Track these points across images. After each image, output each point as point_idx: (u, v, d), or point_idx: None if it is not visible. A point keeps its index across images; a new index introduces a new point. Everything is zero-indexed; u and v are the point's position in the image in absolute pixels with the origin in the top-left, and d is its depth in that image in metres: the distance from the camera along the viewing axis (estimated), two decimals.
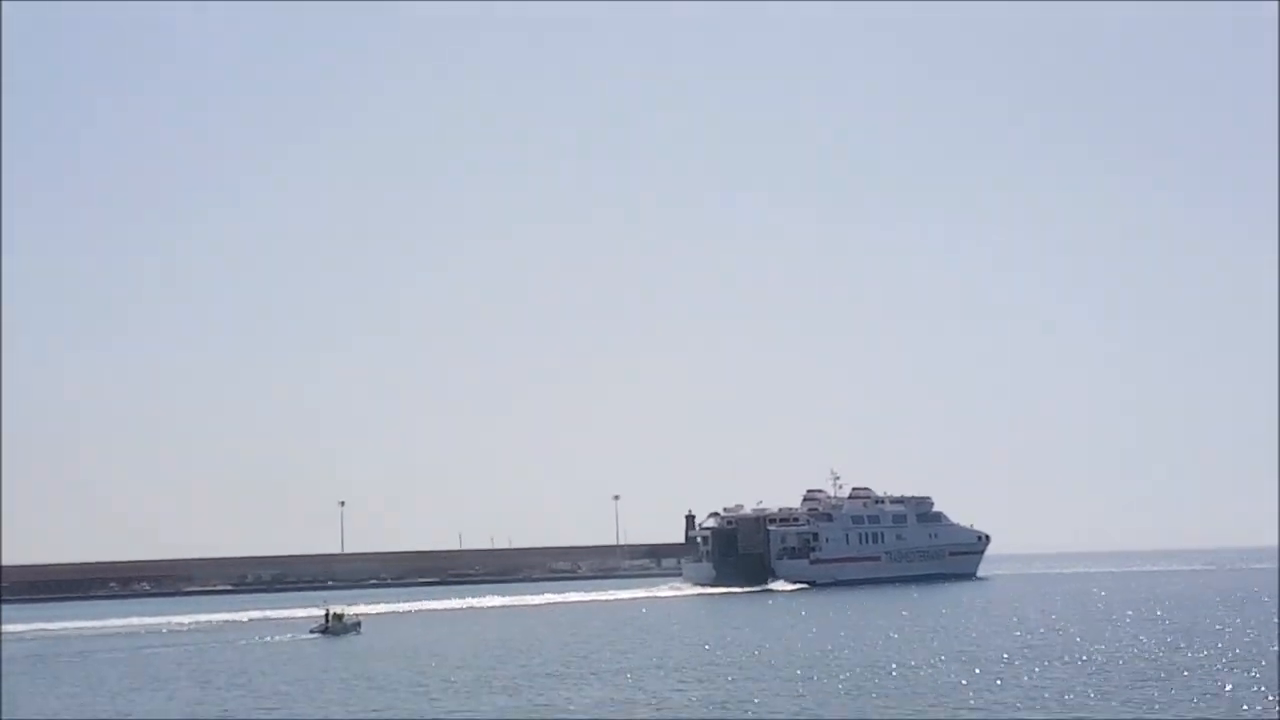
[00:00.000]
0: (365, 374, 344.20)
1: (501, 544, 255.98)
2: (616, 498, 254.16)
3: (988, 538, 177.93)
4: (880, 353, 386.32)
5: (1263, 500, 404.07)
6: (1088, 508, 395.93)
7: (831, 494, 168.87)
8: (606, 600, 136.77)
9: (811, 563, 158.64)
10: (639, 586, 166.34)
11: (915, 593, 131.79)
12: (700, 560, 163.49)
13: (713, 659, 62.14)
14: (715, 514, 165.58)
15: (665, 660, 61.91)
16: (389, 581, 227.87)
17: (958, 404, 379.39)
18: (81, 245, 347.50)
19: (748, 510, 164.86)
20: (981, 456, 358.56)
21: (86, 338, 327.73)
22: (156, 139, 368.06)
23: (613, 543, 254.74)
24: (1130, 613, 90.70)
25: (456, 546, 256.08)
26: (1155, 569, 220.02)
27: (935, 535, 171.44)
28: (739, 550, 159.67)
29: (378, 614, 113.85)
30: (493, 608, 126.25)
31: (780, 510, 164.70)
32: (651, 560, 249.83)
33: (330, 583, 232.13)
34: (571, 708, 44.91)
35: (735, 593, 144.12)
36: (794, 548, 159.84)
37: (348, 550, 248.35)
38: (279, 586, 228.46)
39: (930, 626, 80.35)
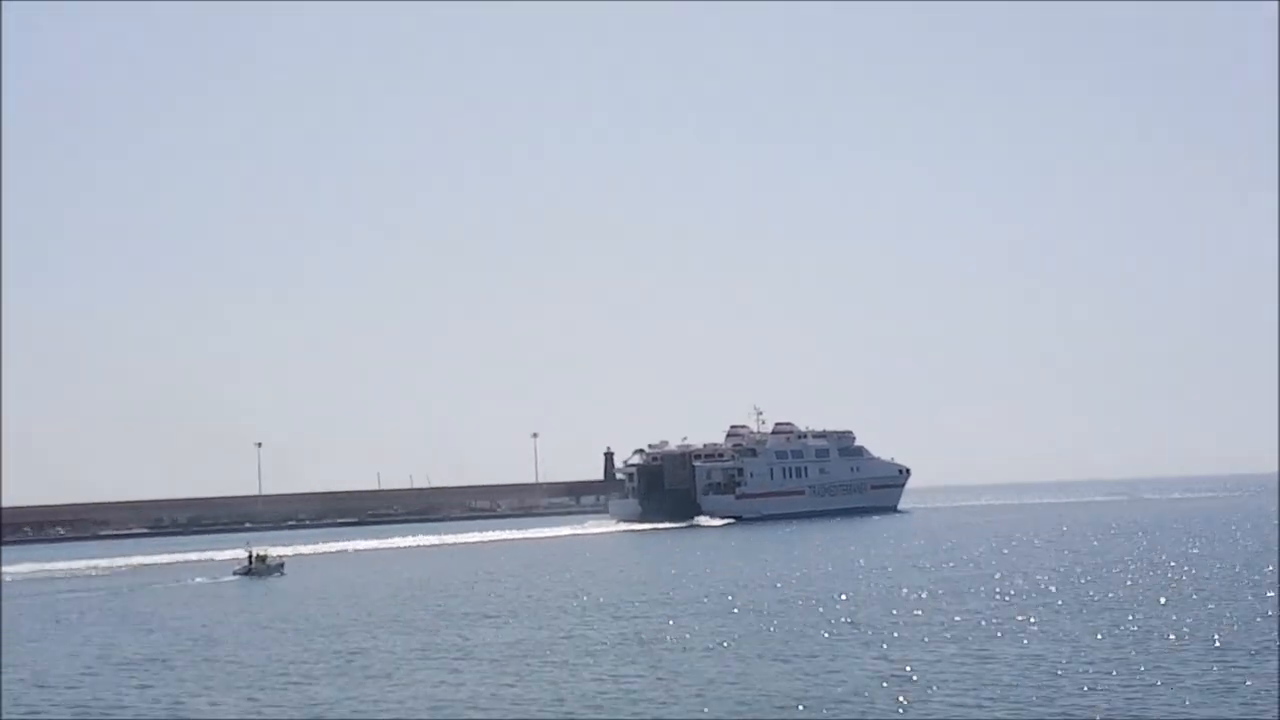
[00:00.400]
0: (280, 313, 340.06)
1: (420, 483, 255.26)
2: (535, 435, 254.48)
3: (908, 471, 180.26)
4: (800, 284, 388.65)
5: (1180, 431, 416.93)
6: (1012, 438, 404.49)
7: (755, 429, 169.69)
8: (535, 538, 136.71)
9: (737, 498, 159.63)
10: (564, 524, 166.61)
11: (838, 526, 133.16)
12: (626, 496, 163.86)
13: (635, 595, 62.10)
14: (640, 451, 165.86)
15: (586, 597, 61.85)
16: (307, 522, 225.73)
17: (880, 335, 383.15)
18: None
19: (673, 447, 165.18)
20: (904, 387, 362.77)
21: None
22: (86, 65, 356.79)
23: (532, 481, 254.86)
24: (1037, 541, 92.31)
25: (375, 486, 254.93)
26: (1067, 500, 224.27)
27: (857, 469, 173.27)
28: (665, 486, 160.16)
29: (300, 555, 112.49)
30: (417, 547, 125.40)
31: (705, 446, 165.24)
32: (571, 498, 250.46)
33: (248, 525, 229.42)
34: (486, 645, 44.41)
35: (661, 528, 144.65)
36: (719, 483, 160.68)
37: (265, 492, 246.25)
38: (196, 529, 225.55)
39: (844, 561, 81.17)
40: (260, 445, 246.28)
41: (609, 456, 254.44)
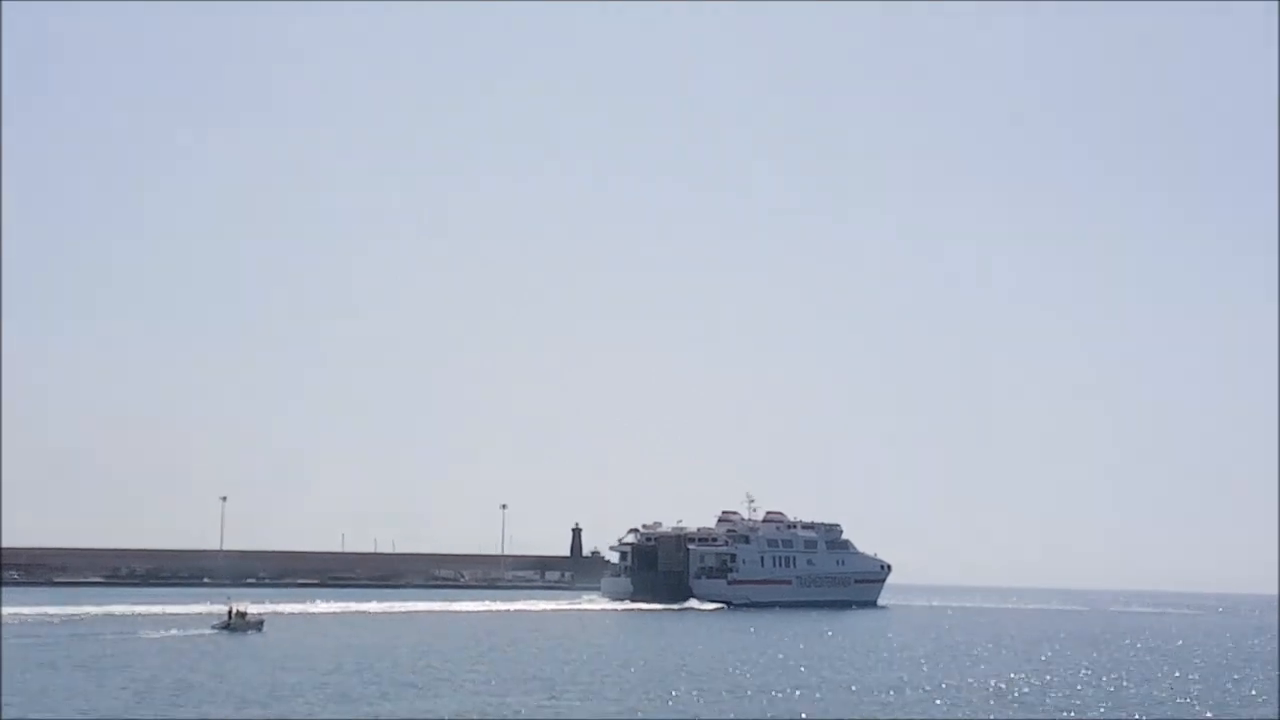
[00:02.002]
0: (250, 368, 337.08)
1: (384, 548, 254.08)
2: (504, 507, 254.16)
3: (889, 567, 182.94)
4: (778, 371, 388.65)
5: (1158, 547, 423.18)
6: (995, 541, 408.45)
7: (746, 516, 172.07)
8: (530, 610, 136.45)
9: (729, 583, 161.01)
10: (559, 599, 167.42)
11: (821, 617, 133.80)
12: (619, 575, 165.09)
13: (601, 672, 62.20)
14: (634, 530, 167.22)
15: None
16: (266, 580, 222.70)
17: (871, 427, 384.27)
18: None
19: (666, 529, 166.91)
20: (892, 484, 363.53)
21: None
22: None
23: (497, 553, 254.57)
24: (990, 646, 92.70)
25: (338, 548, 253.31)
26: (1039, 607, 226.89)
27: (843, 562, 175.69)
28: (659, 568, 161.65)
29: (277, 613, 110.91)
30: (402, 613, 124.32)
31: (699, 530, 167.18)
32: (536, 572, 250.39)
33: (206, 579, 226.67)
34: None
35: (654, 609, 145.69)
36: (712, 568, 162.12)
37: (226, 547, 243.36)
38: (153, 580, 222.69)
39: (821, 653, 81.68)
40: (225, 499, 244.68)
41: (577, 532, 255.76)
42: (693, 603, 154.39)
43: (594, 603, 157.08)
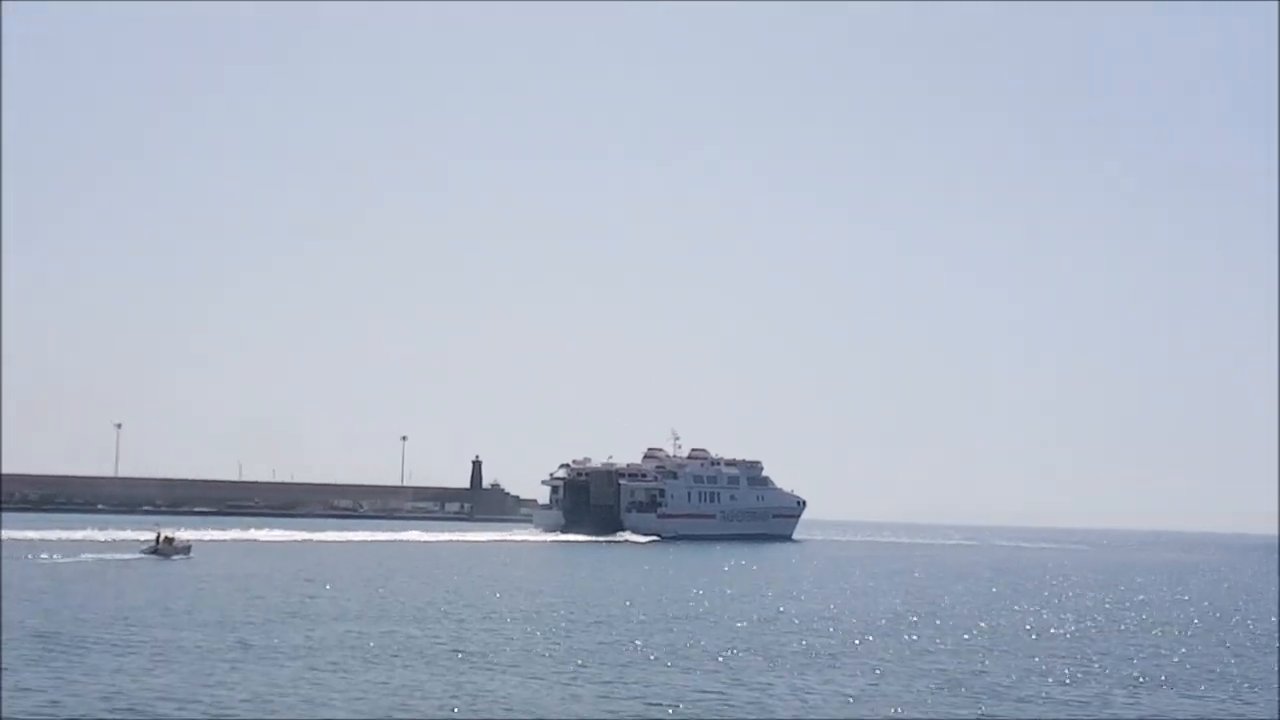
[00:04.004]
0: (152, 296, 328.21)
1: (283, 478, 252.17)
2: (404, 439, 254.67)
3: (804, 503, 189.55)
4: (693, 310, 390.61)
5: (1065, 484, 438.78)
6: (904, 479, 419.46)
7: (671, 453, 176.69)
8: (460, 541, 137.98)
9: (658, 517, 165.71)
10: (494, 530, 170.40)
11: (743, 550, 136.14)
12: (551, 508, 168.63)
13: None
14: (565, 465, 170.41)
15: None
16: (163, 508, 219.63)
17: (791, 367, 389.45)
18: None
19: (597, 464, 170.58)
20: (811, 423, 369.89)
21: None
22: None
23: (397, 484, 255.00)
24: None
25: (236, 477, 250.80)
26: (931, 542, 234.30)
27: (762, 498, 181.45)
28: (591, 502, 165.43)
29: (200, 540, 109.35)
30: (324, 542, 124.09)
31: (629, 466, 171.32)
32: (436, 503, 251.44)
33: (100, 506, 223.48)
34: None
35: (587, 541, 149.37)
36: (642, 502, 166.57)
37: (122, 474, 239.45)
38: (47, 507, 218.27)
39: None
40: (120, 426, 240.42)
41: (477, 465, 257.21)
42: (627, 535, 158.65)
43: (528, 535, 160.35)
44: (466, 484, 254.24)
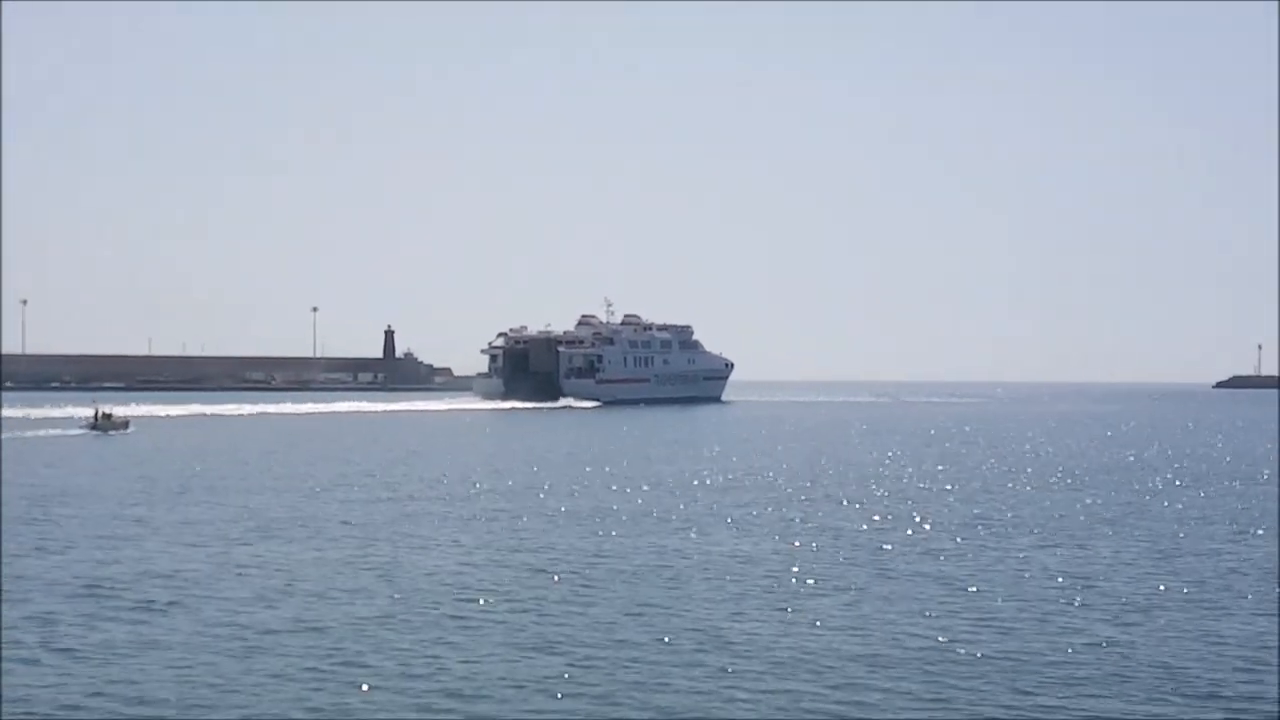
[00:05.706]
0: (61, 168, 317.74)
1: (193, 351, 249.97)
2: (315, 310, 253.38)
3: (733, 365, 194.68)
4: (618, 178, 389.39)
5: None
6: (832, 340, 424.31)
7: (605, 320, 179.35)
8: (392, 411, 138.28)
9: (597, 383, 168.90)
10: (430, 399, 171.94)
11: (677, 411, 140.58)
12: (491, 376, 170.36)
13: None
14: (502, 334, 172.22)
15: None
16: (71, 385, 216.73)
17: (716, 231, 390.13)
18: None
19: (533, 332, 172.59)
20: (737, 286, 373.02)
21: None
22: None
23: (309, 355, 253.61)
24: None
25: (145, 352, 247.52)
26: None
27: (693, 361, 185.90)
28: (530, 369, 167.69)
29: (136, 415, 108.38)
30: (243, 415, 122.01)
31: (565, 334, 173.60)
32: (349, 374, 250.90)
33: (9, 383, 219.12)
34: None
35: (528, 408, 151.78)
36: (580, 368, 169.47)
37: (28, 351, 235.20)
38: None
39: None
40: (25, 303, 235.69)
41: (389, 334, 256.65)
42: (569, 401, 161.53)
43: (468, 403, 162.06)
44: (380, 354, 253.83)
